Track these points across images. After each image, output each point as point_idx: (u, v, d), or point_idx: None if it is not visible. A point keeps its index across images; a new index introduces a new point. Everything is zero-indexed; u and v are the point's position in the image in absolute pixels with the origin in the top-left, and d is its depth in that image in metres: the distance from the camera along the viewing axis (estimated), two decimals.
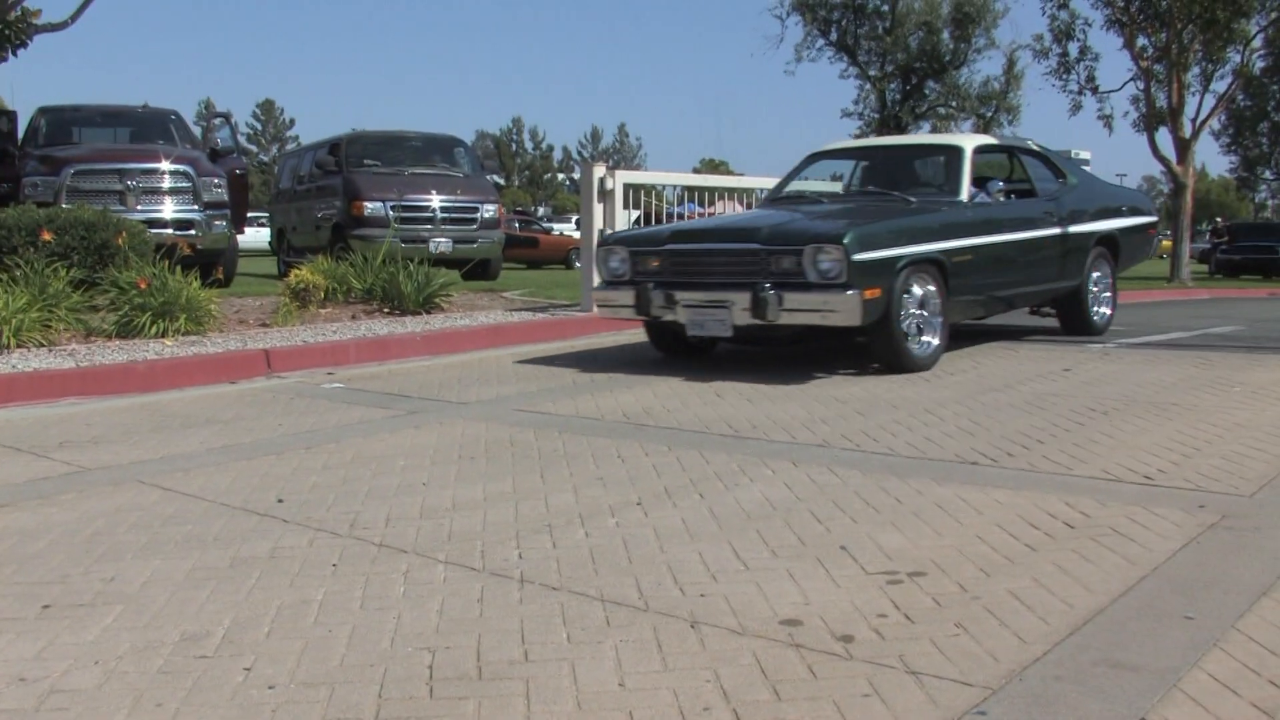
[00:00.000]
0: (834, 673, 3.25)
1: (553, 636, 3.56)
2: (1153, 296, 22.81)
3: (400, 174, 19.98)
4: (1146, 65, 32.70)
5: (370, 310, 12.50)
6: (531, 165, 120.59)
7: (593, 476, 5.64)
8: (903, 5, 29.36)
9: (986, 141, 11.63)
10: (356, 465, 5.99)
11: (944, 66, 29.99)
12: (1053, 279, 11.04)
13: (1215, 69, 34.26)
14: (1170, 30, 31.66)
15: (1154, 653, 3.36)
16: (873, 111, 29.54)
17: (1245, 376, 8.67)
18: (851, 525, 4.71)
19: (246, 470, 5.91)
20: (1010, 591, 3.90)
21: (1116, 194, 13.24)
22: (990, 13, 33.32)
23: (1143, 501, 5.02)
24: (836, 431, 6.64)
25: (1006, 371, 8.99)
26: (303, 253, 19.97)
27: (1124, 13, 32.30)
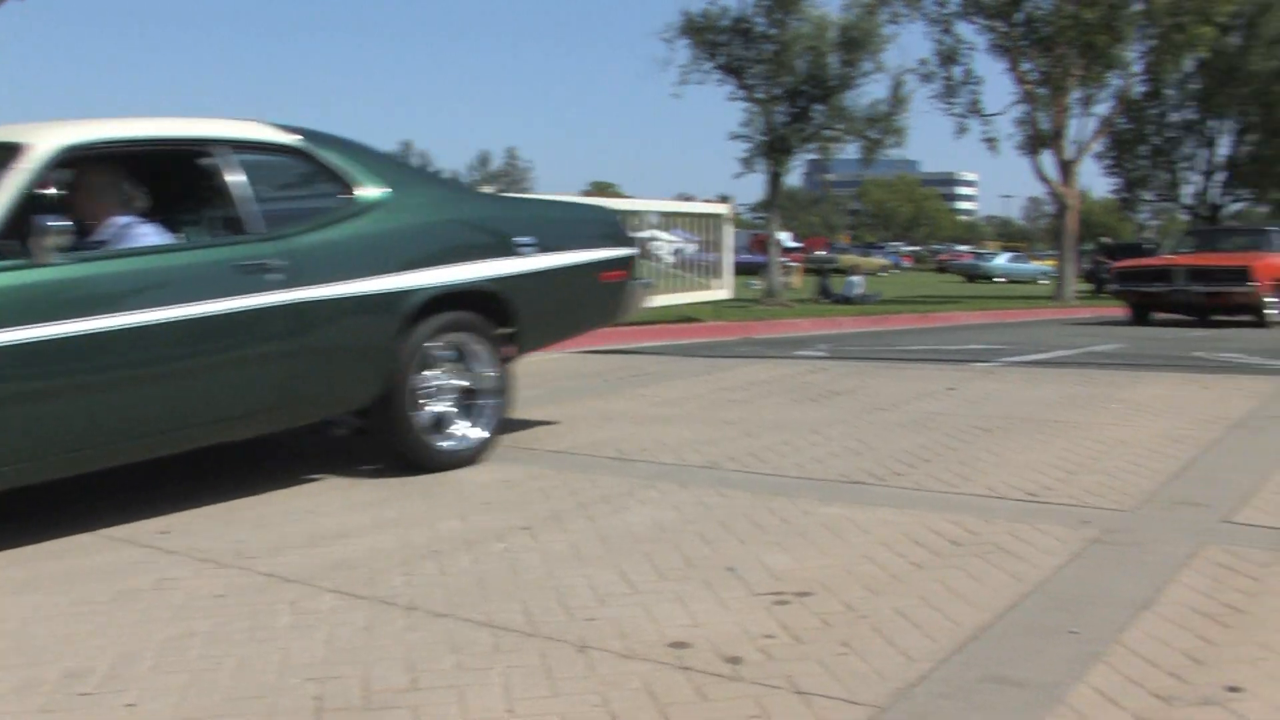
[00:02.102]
0: (722, 694, 3.24)
1: (440, 663, 3.51)
2: (1036, 315, 23.28)
3: None
4: (1030, 89, 33.30)
5: None
6: None
7: (480, 502, 5.60)
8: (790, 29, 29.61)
9: (82, 139, 5.31)
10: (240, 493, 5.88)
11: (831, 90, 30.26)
12: (274, 397, 5.73)
13: (1096, 93, 34.99)
14: (1052, 55, 32.29)
15: (1039, 668, 3.39)
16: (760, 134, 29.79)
17: (1126, 393, 8.82)
18: (739, 547, 4.71)
19: None
20: (897, 610, 3.92)
21: (518, 215, 7.53)
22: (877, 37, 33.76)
23: (1027, 518, 5.07)
24: (724, 453, 6.64)
25: (892, 391, 9.06)
26: None
27: (1007, 37, 32.88)
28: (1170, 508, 5.30)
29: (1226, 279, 20.06)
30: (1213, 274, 20.30)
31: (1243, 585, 4.15)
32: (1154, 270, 21.61)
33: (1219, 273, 20.25)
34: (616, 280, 7.58)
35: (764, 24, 29.73)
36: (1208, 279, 20.27)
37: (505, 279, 6.68)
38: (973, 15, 33.74)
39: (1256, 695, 3.19)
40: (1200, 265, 20.74)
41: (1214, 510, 5.22)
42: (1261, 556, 4.48)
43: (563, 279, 7.14)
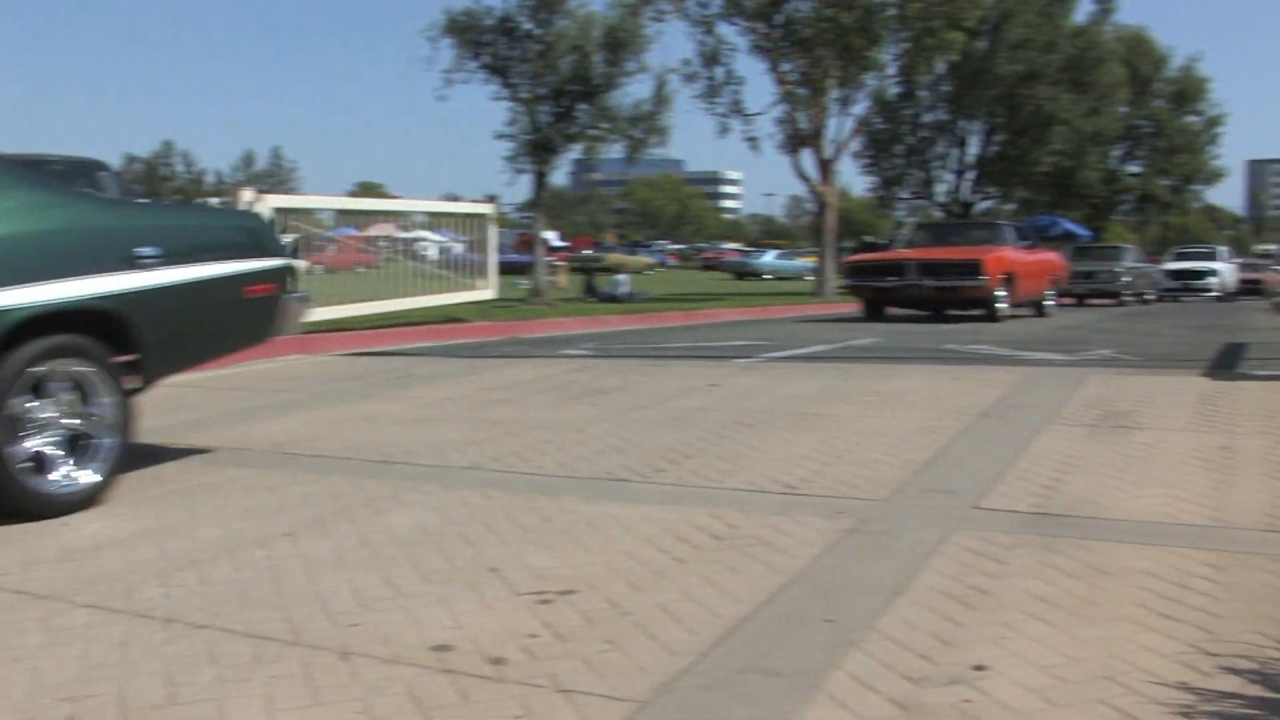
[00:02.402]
0: (486, 696, 3.23)
1: (200, 676, 3.43)
2: (799, 311, 23.76)
3: None
4: (789, 89, 33.98)
5: None
6: (184, 190, 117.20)
7: (241, 508, 5.48)
8: (555, 29, 29.64)
9: None
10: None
11: (596, 89, 30.36)
12: None
13: (853, 94, 35.88)
14: (811, 56, 32.99)
15: (797, 656, 3.47)
16: (525, 134, 29.74)
17: (881, 386, 9.07)
18: (502, 547, 4.71)
19: None
20: (659, 605, 3.96)
21: (140, 223, 6.45)
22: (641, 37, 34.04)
23: (786, 511, 5.19)
24: (487, 453, 6.64)
25: (655, 389, 9.15)
26: None
27: (767, 38, 33.51)
28: (922, 496, 5.47)
29: (957, 273, 19.81)
30: (944, 268, 20.04)
31: (988, 568, 4.31)
32: (885, 265, 21.27)
33: (950, 267, 20.00)
34: (264, 294, 6.70)
35: (529, 23, 29.69)
36: (939, 273, 20.03)
37: (123, 296, 5.77)
38: (734, 17, 34.30)
39: (1000, 673, 3.32)
40: (931, 260, 20.41)
41: (962, 497, 5.42)
42: (1006, 540, 4.67)
43: (196, 295, 6.26)
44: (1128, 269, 34.73)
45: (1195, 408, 7.70)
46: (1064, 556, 4.44)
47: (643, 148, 30.82)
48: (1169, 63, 61.60)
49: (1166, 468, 5.94)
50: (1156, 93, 61.01)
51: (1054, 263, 24.36)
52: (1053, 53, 50.90)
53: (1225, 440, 6.57)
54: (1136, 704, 3.09)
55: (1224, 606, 3.86)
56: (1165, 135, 60.09)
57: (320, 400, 8.91)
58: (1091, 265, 34.52)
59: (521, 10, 29.28)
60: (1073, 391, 8.51)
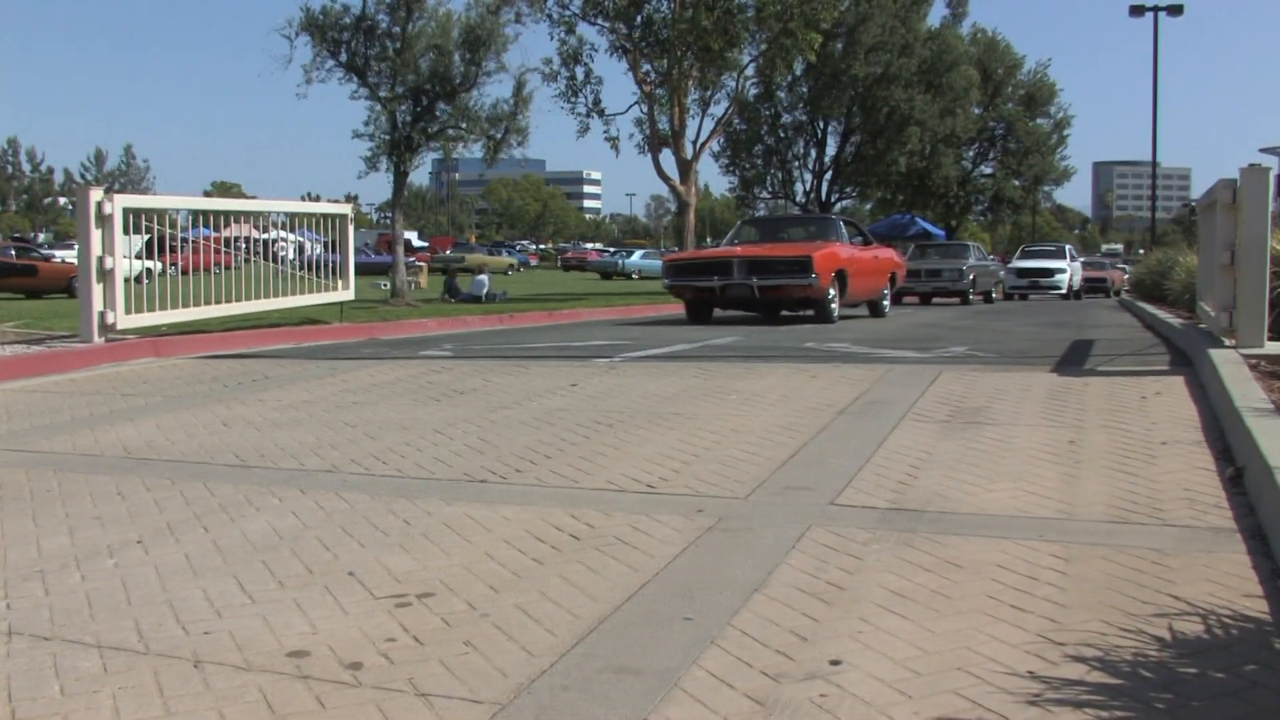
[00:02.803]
0: (343, 701, 3.20)
1: (44, 690, 3.34)
2: (660, 310, 23.82)
3: None
4: (649, 90, 34.12)
5: None
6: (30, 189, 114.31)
7: (90, 516, 5.36)
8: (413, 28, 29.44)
9: None
10: None
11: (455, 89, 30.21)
12: None
13: (713, 95, 36.17)
14: (670, 57, 33.14)
15: (656, 655, 3.48)
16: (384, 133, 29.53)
17: (741, 384, 9.12)
18: (360, 550, 4.66)
19: None
20: (518, 606, 3.95)
21: None
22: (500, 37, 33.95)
23: (645, 509, 5.20)
24: (346, 456, 6.56)
25: (516, 389, 9.12)
26: None
27: (627, 39, 33.60)
28: (780, 493, 5.51)
29: (786, 271, 18.22)
30: (771, 266, 18.44)
31: (845, 564, 4.36)
32: (708, 263, 19.34)
33: (778, 265, 18.41)
34: None
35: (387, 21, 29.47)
36: (766, 272, 18.41)
37: None
38: (594, 17, 34.36)
39: (855, 666, 3.36)
40: (757, 257, 18.79)
41: (820, 493, 5.46)
42: (862, 535, 4.72)
43: None
44: (972, 267, 35.25)
45: (1045, 403, 7.85)
46: (918, 551, 4.50)
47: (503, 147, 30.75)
48: (1021, 68, 62.99)
49: (1017, 462, 6.05)
50: (1008, 96, 62.36)
51: (890, 260, 23.12)
52: (908, 55, 51.80)
53: (1073, 435, 6.71)
54: (987, 693, 3.15)
55: (1070, 596, 3.94)
56: (1016, 137, 61.48)
57: (174, 404, 8.74)
58: (936, 264, 35.31)
59: (379, 8, 29.04)
60: (927, 388, 8.64)
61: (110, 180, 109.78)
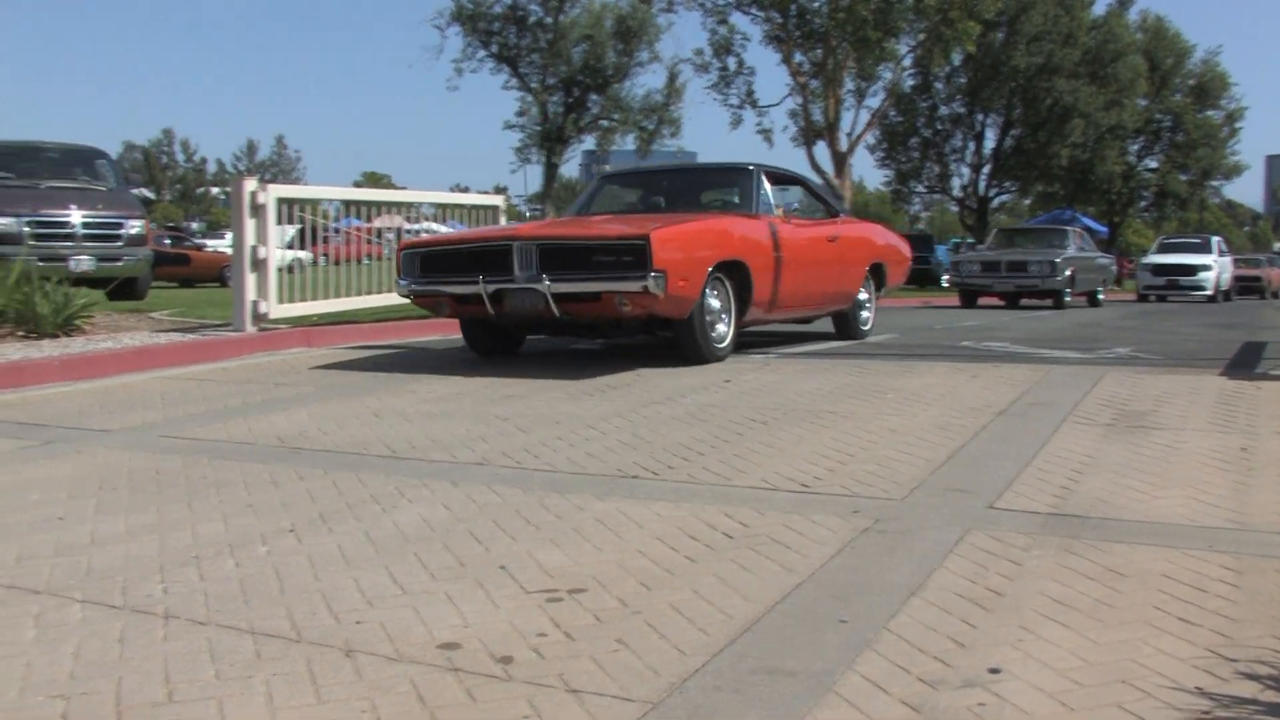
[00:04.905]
0: (493, 695, 3.17)
1: (200, 674, 3.37)
2: None
3: (35, 188, 18.98)
4: (803, 81, 33.93)
5: (2, 334, 11.80)
6: (184, 179, 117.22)
7: (244, 504, 5.42)
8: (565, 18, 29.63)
9: None
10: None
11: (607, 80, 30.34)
12: None
13: (869, 86, 35.85)
14: (825, 47, 32.91)
15: (810, 657, 3.40)
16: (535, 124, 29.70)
17: (897, 383, 8.99)
18: (511, 544, 4.65)
19: None
20: (671, 604, 3.90)
21: None
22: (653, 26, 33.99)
23: (800, 509, 5.12)
24: (497, 449, 6.57)
25: (668, 384, 9.09)
26: None
27: (781, 29, 33.44)
28: (938, 495, 5.39)
29: (604, 268, 9.66)
30: (577, 257, 9.82)
31: (1005, 569, 4.24)
32: (473, 251, 10.33)
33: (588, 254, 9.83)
34: None
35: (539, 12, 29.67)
36: (568, 265, 9.68)
37: None
38: (747, 6, 34.26)
39: (1015, 675, 3.26)
40: (554, 239, 9.87)
41: (979, 496, 5.34)
42: (1022, 541, 4.59)
43: None
44: (1070, 260, 27.28)
45: (1215, 408, 7.62)
46: (1081, 558, 4.37)
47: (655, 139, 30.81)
48: (1190, 56, 61.43)
49: (1185, 468, 5.86)
50: (1176, 86, 60.87)
51: (868, 243, 14.25)
52: (1071, 45, 50.84)
53: (1245, 441, 6.49)
54: (1153, 708, 3.03)
55: (1242, 610, 3.79)
56: (1184, 130, 59.93)
57: (326, 394, 8.85)
58: (1022, 255, 27.66)
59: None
60: (1090, 390, 8.43)
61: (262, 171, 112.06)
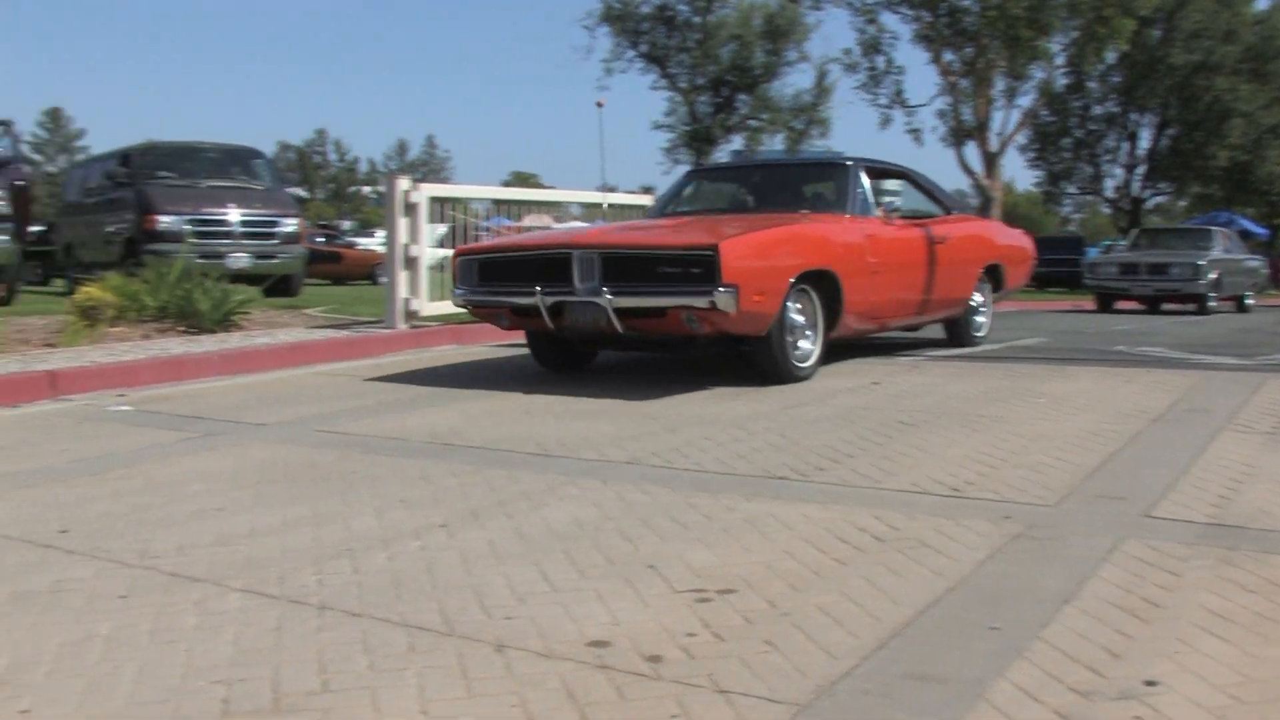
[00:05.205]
0: (642, 694, 3.18)
1: (353, 665, 3.43)
2: None
3: (196, 187, 19.51)
4: (953, 80, 33.54)
5: (164, 329, 12.11)
6: (336, 178, 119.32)
7: (396, 498, 5.50)
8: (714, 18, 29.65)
9: None
10: (147, 491, 5.75)
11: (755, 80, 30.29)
12: None
13: (1019, 85, 35.29)
14: (976, 46, 32.49)
15: (960, 664, 3.36)
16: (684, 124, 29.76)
17: (1049, 387, 8.86)
18: (660, 543, 4.66)
19: (29, 499, 5.63)
20: (819, 607, 3.88)
21: None
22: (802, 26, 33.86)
23: (950, 513, 5.06)
24: (646, 448, 6.59)
25: (816, 385, 9.04)
26: (91, 269, 19.33)
27: (931, 28, 33.08)
28: (1091, 502, 5.30)
29: (669, 281, 8.66)
30: (640, 266, 8.81)
31: (1161, 580, 4.15)
32: (530, 259, 9.40)
33: (651, 264, 8.81)
34: None
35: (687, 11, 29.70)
36: (630, 277, 8.76)
37: None
38: (897, 5, 33.95)
39: (1173, 689, 3.18)
40: (616, 247, 8.91)
41: (1134, 504, 5.23)
42: (1179, 551, 4.49)
43: None
44: (1216, 262, 25.31)
45: None
46: (1241, 570, 4.26)
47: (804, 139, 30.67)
48: None
49: None
50: None
51: (983, 242, 13.16)
52: (1232, 42, 49.54)
53: None
54: None
55: None
56: None
57: (475, 392, 8.94)
58: (1163, 256, 25.75)
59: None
60: (1250, 397, 8.23)
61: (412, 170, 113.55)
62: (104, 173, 21.29)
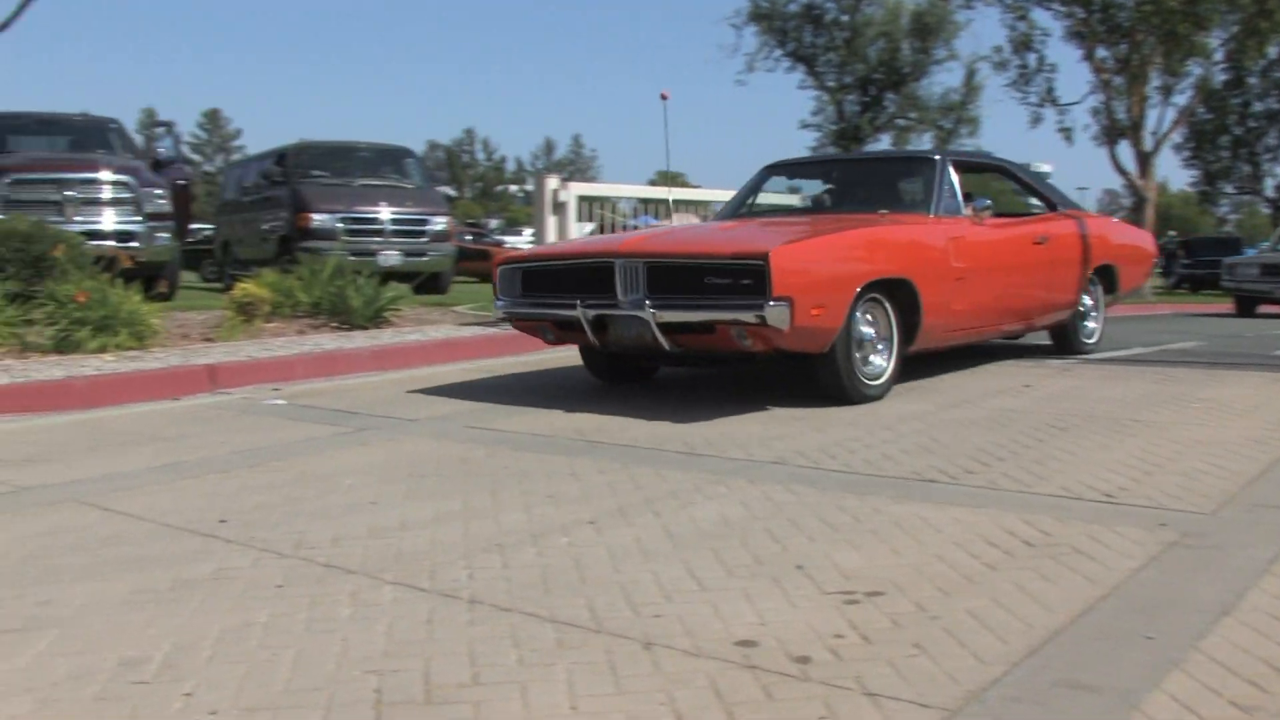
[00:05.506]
0: (790, 694, 3.17)
1: (503, 659, 3.47)
2: (1113, 312, 22.82)
3: (349, 185, 19.85)
4: (1106, 78, 32.91)
5: (318, 325, 12.35)
6: (484, 177, 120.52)
7: (545, 494, 5.55)
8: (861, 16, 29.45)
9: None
10: (302, 484, 5.88)
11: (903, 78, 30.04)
12: None
13: (1176, 82, 34.51)
14: (1130, 42, 31.84)
15: (1114, 673, 3.30)
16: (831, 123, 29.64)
17: (1205, 392, 8.66)
18: (808, 544, 4.64)
19: (189, 489, 5.79)
20: (969, 611, 3.83)
21: None
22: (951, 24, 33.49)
23: (1103, 519, 4.96)
24: (792, 448, 6.56)
25: (966, 387, 8.94)
26: (248, 266, 19.77)
27: (1084, 24, 32.49)
28: (1250, 510, 5.16)
29: (717, 294, 7.71)
30: (686, 276, 7.84)
31: None
32: (572, 268, 8.55)
33: (698, 273, 7.82)
34: None
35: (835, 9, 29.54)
36: (675, 289, 7.85)
37: None
38: (1049, 1, 33.40)
39: None
40: (662, 256, 8.00)
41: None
42: None
43: None
44: None
45: None
46: None
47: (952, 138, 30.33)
48: None
49: None
50: None
51: (1096, 240, 11.68)
52: None
53: None
54: None
55: None
56: None
57: (623, 390, 8.99)
58: None
59: None
60: None
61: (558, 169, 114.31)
62: (260, 172, 21.79)
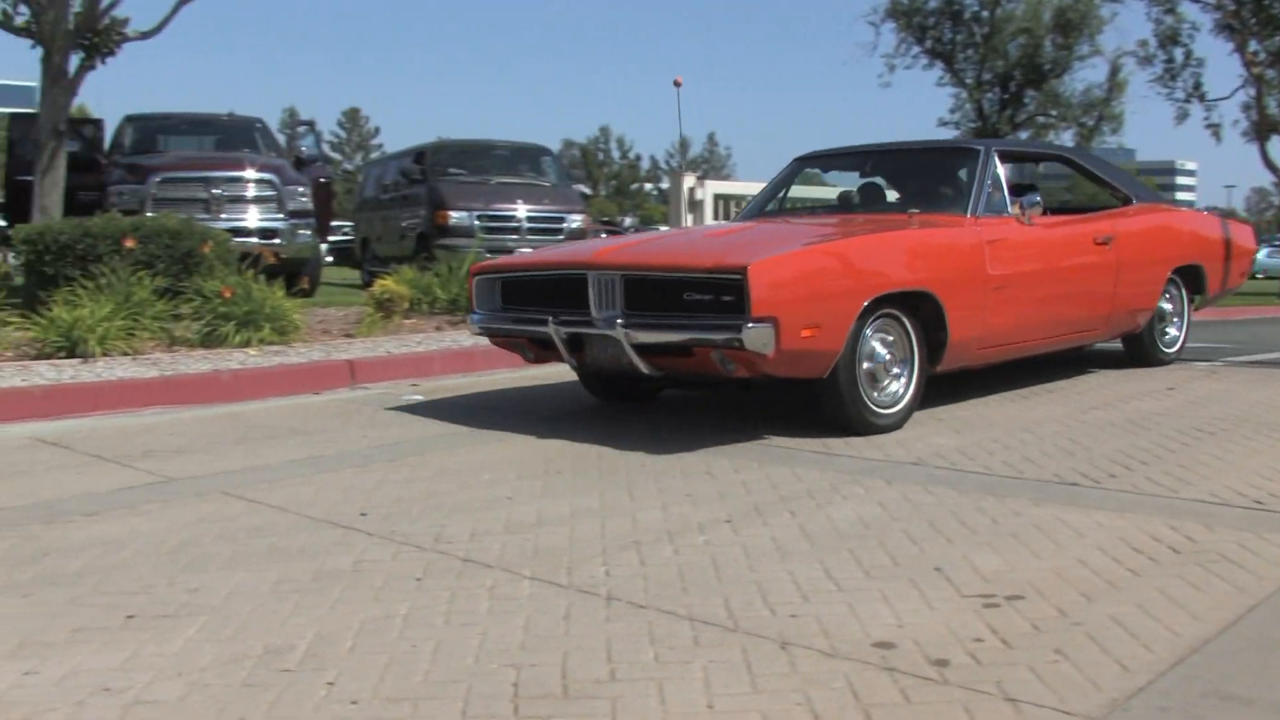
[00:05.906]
0: (928, 698, 3.14)
1: (640, 655, 3.48)
2: (1261, 313, 22.22)
3: (486, 183, 20.03)
4: (1259, 71, 32.04)
5: (455, 321, 12.45)
6: (618, 175, 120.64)
7: (681, 493, 5.55)
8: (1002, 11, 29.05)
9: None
10: (441, 479, 5.95)
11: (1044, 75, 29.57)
12: None
13: None
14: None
15: (1267, 686, 3.21)
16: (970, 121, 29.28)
17: None
18: (946, 546, 4.58)
19: (330, 482, 5.88)
20: (1112, 617, 3.76)
21: None
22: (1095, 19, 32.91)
23: (1253, 527, 4.84)
24: (931, 450, 6.50)
25: (1107, 389, 8.78)
26: (387, 262, 20.04)
27: (1235, 16, 31.65)
28: None
29: (693, 311, 6.74)
30: (658, 291, 6.88)
31: None
32: (546, 279, 7.70)
33: (669, 288, 6.85)
34: None
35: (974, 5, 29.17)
36: (648, 305, 6.93)
37: None
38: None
39: None
40: (635, 268, 7.03)
41: None
42: None
43: None
44: None
45: None
46: None
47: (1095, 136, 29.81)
48: None
49: None
50: None
51: (1186, 234, 10.51)
52: None
53: None
54: None
55: None
56: None
57: None
58: None
59: None
60: None
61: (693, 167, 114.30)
62: (398, 170, 22.09)
